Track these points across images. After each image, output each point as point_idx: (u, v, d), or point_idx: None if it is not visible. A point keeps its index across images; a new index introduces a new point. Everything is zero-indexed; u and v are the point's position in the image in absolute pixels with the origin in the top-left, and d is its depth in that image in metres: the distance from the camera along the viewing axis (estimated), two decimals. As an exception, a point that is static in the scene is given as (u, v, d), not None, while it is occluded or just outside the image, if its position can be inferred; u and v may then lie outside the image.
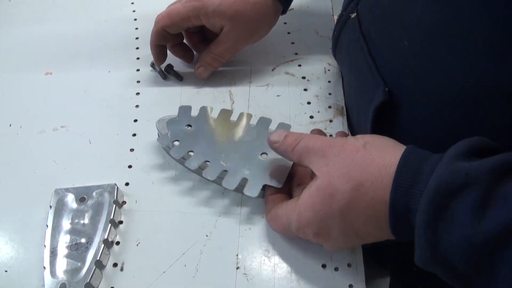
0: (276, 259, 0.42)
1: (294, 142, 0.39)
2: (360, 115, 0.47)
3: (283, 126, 0.47)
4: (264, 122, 0.48)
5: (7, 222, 0.45)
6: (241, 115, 0.49)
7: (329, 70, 0.57)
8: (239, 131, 0.47)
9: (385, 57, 0.42)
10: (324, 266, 0.41)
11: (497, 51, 0.32)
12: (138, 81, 0.56)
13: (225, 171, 0.44)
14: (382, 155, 0.34)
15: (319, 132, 0.47)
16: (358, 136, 0.37)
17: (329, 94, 0.54)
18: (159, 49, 0.53)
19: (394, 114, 0.41)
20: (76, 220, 0.43)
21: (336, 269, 0.41)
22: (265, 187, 0.43)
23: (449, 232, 0.29)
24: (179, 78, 0.56)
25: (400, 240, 0.34)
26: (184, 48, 0.56)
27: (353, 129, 0.52)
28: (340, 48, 0.51)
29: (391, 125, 0.42)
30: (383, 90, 0.41)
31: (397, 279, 0.63)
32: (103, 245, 0.41)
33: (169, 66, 0.57)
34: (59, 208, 0.44)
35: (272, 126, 0.48)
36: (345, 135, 0.48)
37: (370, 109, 0.42)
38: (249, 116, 0.49)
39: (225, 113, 0.49)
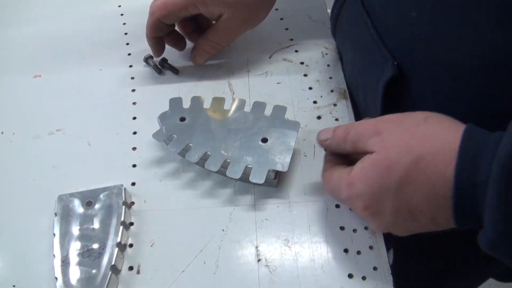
0: (297, 247, 0.41)
1: (344, 133, 0.38)
2: (367, 94, 0.46)
3: (279, 109, 0.46)
4: (259, 106, 0.47)
5: (10, 235, 0.43)
6: (234, 101, 0.48)
7: (326, 54, 0.56)
8: (235, 118, 0.46)
9: (391, 31, 0.41)
10: (346, 250, 0.41)
11: (510, 18, 0.32)
12: (132, 78, 0.54)
13: (227, 160, 0.43)
14: (444, 130, 0.33)
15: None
16: (417, 112, 0.36)
17: (330, 78, 0.54)
18: (156, 41, 0.51)
19: (404, 89, 0.41)
20: (85, 226, 0.41)
21: (358, 252, 0.40)
22: (275, 173, 0.43)
23: None
24: (175, 71, 0.54)
25: (458, 225, 0.32)
26: (176, 36, 0.54)
27: (359, 110, 0.51)
28: (341, 26, 0.50)
29: (401, 101, 0.41)
30: (391, 64, 0.40)
31: (401, 257, 0.63)
32: (116, 249, 0.39)
33: (163, 60, 0.55)
34: (65, 215, 0.42)
35: (267, 110, 0.47)
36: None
37: (379, 86, 0.41)
38: (243, 101, 0.47)
39: (218, 101, 0.48)
